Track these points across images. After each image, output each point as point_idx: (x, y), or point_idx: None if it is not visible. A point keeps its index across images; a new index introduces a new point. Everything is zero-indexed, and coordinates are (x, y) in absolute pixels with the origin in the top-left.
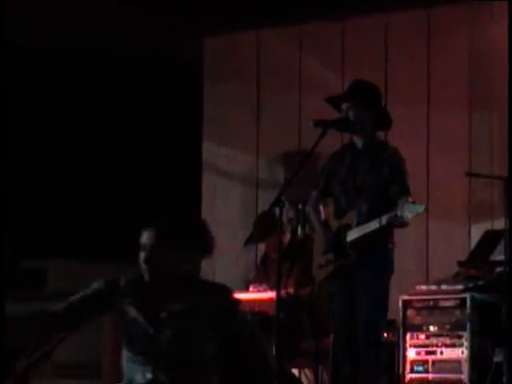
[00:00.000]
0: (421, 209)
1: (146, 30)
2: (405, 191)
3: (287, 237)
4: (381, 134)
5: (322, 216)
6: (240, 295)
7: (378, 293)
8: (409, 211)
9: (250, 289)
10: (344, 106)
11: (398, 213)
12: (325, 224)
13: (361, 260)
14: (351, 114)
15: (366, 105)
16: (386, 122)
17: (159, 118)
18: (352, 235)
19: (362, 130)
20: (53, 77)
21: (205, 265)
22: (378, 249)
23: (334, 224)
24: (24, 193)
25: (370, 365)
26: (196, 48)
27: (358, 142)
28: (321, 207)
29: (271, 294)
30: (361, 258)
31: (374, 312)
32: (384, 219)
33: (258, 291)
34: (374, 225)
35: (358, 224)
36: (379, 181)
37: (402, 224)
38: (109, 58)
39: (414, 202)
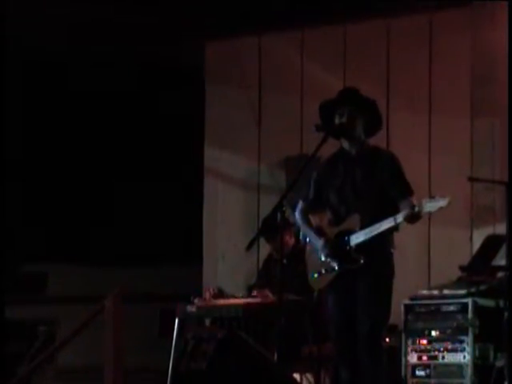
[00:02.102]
0: (443, 203)
1: (149, 34)
2: (407, 191)
3: (292, 240)
4: (383, 139)
5: (314, 225)
6: (241, 300)
7: (381, 297)
8: (430, 207)
9: (253, 293)
10: (340, 111)
11: (416, 208)
12: (320, 232)
13: (364, 264)
14: (347, 119)
15: (362, 110)
16: (377, 125)
17: (161, 122)
18: (358, 239)
19: (357, 135)
20: (56, 80)
21: (207, 269)
22: (381, 253)
23: (330, 231)
24: (25, 197)
25: (370, 369)
26: (198, 52)
27: (351, 149)
28: (310, 217)
29: (273, 299)
30: (364, 262)
31: (376, 316)
32: (400, 216)
33: (261, 296)
34: (385, 225)
35: (362, 228)
36: (378, 184)
37: (418, 218)
38: (110, 61)
39: (433, 197)
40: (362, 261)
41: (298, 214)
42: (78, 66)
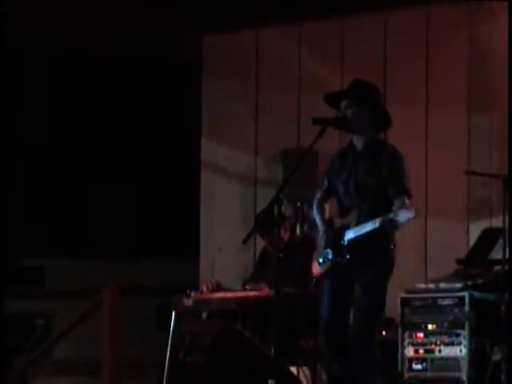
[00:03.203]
0: (410, 215)
1: (146, 28)
2: (402, 191)
3: (288, 233)
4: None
5: (327, 214)
6: (238, 293)
7: (375, 293)
8: (400, 216)
9: (246, 287)
10: (343, 104)
11: (391, 215)
12: (329, 222)
13: (361, 259)
14: (349, 112)
15: (364, 103)
16: (385, 122)
17: (158, 116)
18: (349, 235)
19: (361, 129)
20: (53, 75)
21: (204, 263)
22: (379, 249)
23: (338, 223)
24: (25, 192)
25: (364, 364)
26: (195, 46)
27: (358, 143)
28: (326, 205)
29: (270, 292)
30: (361, 257)
31: (369, 312)
32: (378, 221)
33: (255, 289)
34: (369, 226)
35: (358, 224)
36: (378, 181)
37: (394, 227)
38: (107, 55)
39: (406, 208)
40: (348, 256)
41: (314, 203)
42: (76, 62)
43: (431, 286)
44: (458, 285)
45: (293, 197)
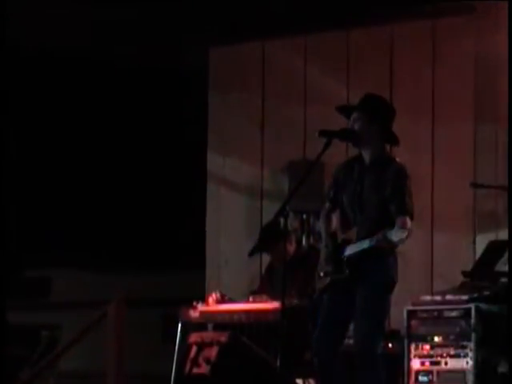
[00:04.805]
0: (403, 234)
1: (152, 40)
2: (403, 210)
3: (293, 246)
4: (386, 146)
5: (333, 227)
6: (243, 305)
7: (375, 307)
8: (394, 235)
9: (250, 299)
10: (352, 116)
11: (386, 234)
12: (333, 235)
13: (361, 274)
14: (356, 126)
15: (372, 118)
16: (392, 141)
17: (164, 128)
18: (349, 251)
19: (367, 143)
20: (57, 84)
21: (209, 275)
22: (379, 263)
23: (341, 236)
24: (28, 202)
25: (368, 378)
26: (201, 58)
27: (365, 156)
28: (333, 217)
29: (275, 304)
30: (360, 272)
31: (369, 326)
32: (374, 239)
33: (259, 302)
34: (366, 243)
35: (358, 240)
36: (381, 199)
37: (390, 245)
38: (113, 67)
39: (405, 227)
40: (347, 271)
41: (321, 214)
42: (82, 72)
43: (437, 298)
44: (465, 297)
45: (299, 209)
